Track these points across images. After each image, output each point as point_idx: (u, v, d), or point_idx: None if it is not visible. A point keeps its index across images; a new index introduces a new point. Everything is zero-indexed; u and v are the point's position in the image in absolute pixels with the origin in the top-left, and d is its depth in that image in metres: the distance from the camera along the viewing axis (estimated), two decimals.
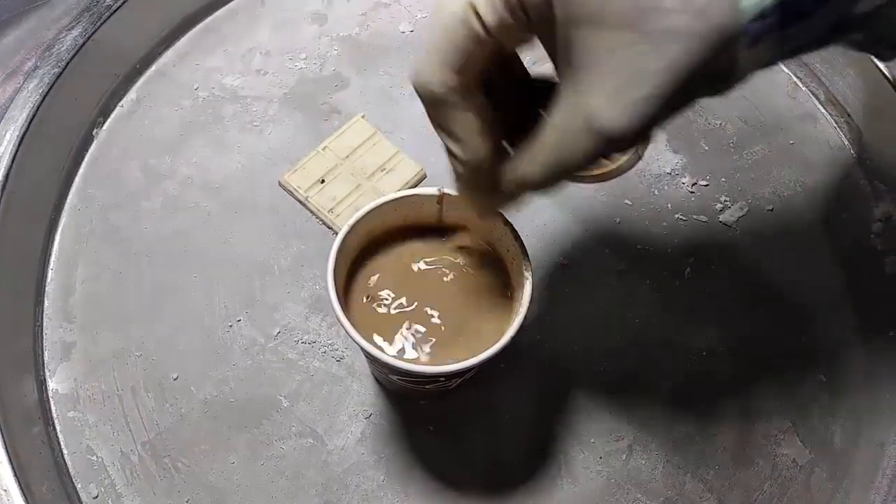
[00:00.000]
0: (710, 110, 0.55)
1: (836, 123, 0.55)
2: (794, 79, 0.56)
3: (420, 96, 0.27)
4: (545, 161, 0.28)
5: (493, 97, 0.29)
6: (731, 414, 0.44)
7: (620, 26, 0.24)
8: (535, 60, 0.31)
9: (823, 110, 0.55)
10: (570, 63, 0.26)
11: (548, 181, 0.29)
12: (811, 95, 0.56)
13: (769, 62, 0.26)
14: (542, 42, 0.28)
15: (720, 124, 0.54)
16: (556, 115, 0.27)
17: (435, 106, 0.28)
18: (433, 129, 0.29)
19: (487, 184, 0.30)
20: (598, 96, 0.25)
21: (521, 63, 0.31)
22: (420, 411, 0.44)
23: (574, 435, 0.43)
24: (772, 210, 0.51)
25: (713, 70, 0.25)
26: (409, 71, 0.27)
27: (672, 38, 0.24)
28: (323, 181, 0.49)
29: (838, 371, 0.46)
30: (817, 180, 0.52)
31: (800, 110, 0.55)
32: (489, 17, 0.25)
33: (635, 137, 0.26)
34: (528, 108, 0.30)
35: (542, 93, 0.29)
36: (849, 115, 0.55)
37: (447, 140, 0.29)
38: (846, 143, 0.54)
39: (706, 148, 0.53)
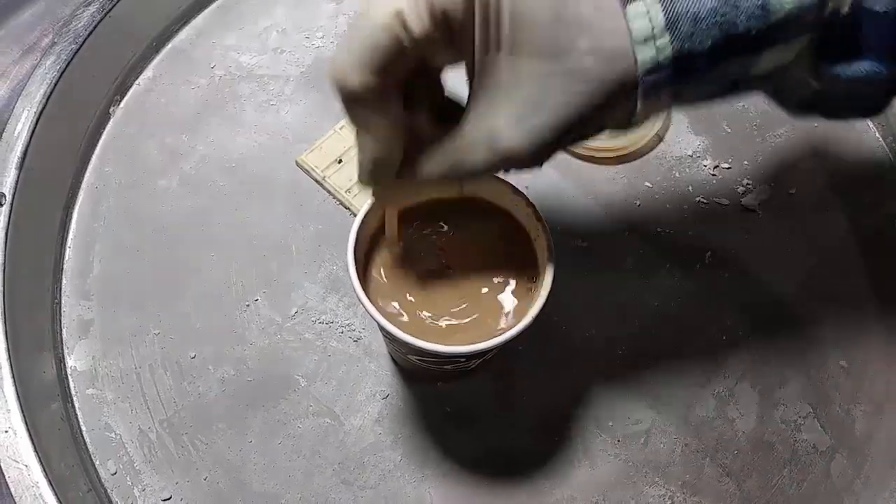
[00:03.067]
0: None
1: None
2: None
3: (338, 92, 0.28)
4: (443, 163, 0.30)
5: (409, 104, 0.30)
6: (750, 398, 0.44)
7: (536, 56, 0.26)
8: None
9: None
10: (482, 82, 0.28)
11: (441, 181, 0.30)
12: None
13: (668, 108, 0.28)
14: (465, 59, 0.28)
15: (743, 106, 0.53)
16: (462, 126, 0.29)
17: (351, 104, 0.28)
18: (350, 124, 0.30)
19: (389, 177, 0.31)
20: (503, 118, 0.27)
21: (441, 83, 0.32)
22: (437, 392, 0.43)
23: (592, 418, 0.43)
24: (794, 193, 0.50)
25: (611, 112, 0.27)
26: (328, 66, 0.28)
27: (578, 77, 0.26)
28: (340, 161, 0.49)
29: (859, 357, 0.45)
30: (841, 164, 0.52)
31: None
32: (415, 29, 0.26)
33: (529, 159, 0.28)
34: (436, 121, 0.31)
35: (449, 113, 0.31)
36: None
37: (361, 136, 0.30)
38: (871, 125, 0.53)
39: (728, 130, 0.52)
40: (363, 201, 0.36)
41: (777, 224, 0.49)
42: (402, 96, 0.29)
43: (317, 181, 0.49)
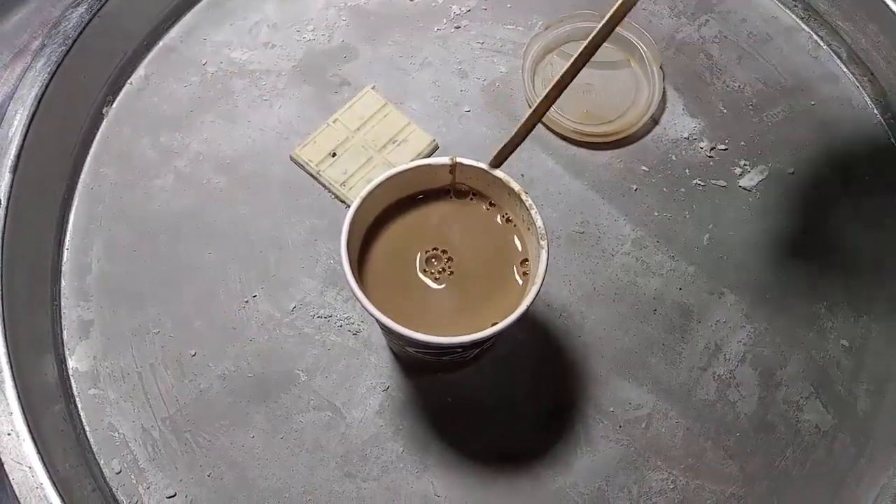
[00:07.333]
0: (728, 72, 0.53)
1: (859, 83, 0.53)
2: (815, 37, 0.55)
3: None
4: None
5: None
6: (751, 380, 0.44)
7: None
8: None
9: (845, 69, 0.54)
10: None
11: None
12: (833, 54, 0.54)
13: None
14: None
15: (739, 86, 0.53)
16: None
17: None
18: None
19: None
20: None
21: None
22: (437, 382, 0.43)
23: (593, 404, 0.43)
24: (793, 173, 0.50)
25: None
26: None
27: None
28: (334, 154, 0.49)
29: (861, 336, 0.45)
30: (839, 142, 0.51)
31: (821, 70, 0.54)
32: None
33: None
34: None
35: None
36: (872, 74, 0.53)
37: None
38: (869, 102, 0.53)
39: (724, 111, 0.52)
40: (357, 194, 0.36)
41: (775, 204, 0.49)
42: None
43: (311, 175, 0.49)
